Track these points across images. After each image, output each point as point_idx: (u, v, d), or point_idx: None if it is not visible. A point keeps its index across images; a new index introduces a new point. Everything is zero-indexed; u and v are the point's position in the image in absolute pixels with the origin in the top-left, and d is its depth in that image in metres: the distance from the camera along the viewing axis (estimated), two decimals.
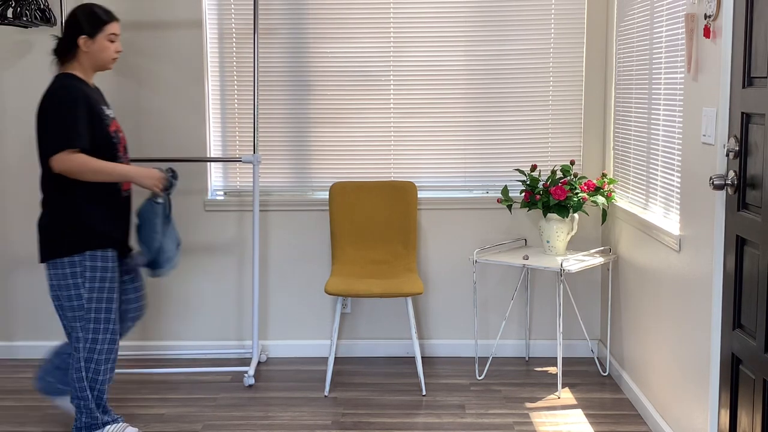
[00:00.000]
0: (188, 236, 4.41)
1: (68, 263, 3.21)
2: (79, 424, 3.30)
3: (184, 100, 4.32)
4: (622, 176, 4.08)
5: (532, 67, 4.32)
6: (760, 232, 2.52)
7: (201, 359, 4.40)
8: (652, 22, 3.58)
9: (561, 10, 4.29)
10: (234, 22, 4.32)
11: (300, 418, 3.68)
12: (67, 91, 3.15)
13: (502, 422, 3.62)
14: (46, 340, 4.46)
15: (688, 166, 3.09)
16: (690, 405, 3.09)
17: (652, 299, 3.54)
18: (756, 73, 2.57)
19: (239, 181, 4.43)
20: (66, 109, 3.11)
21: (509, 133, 4.37)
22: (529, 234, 4.38)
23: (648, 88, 3.63)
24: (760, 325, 2.53)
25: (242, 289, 4.45)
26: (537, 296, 4.44)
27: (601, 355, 4.32)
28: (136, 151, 4.34)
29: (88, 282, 3.22)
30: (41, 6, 4.08)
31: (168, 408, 3.80)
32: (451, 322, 4.45)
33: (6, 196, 4.39)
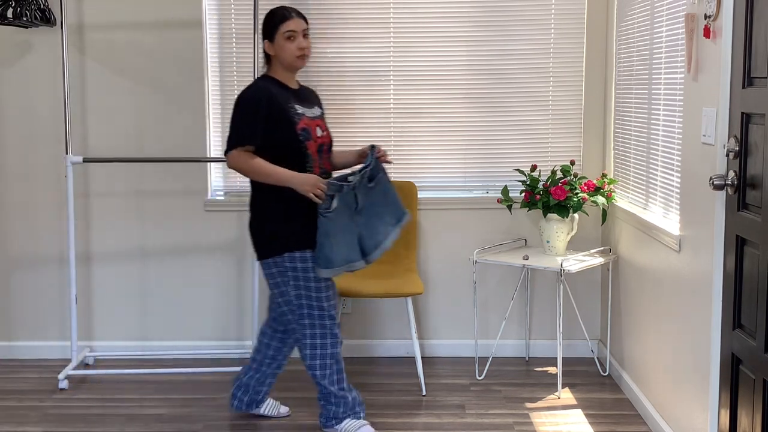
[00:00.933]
0: (188, 236, 4.41)
1: (272, 263, 3.29)
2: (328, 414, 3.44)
3: (184, 100, 4.32)
4: (622, 176, 4.07)
5: (532, 67, 4.32)
6: (760, 232, 2.52)
7: (201, 359, 4.40)
8: (652, 22, 3.58)
9: (561, 10, 4.29)
10: (234, 22, 4.32)
11: (300, 418, 3.68)
12: (249, 92, 3.25)
13: (502, 422, 3.62)
14: (46, 340, 4.47)
15: (688, 166, 3.09)
16: (690, 405, 3.09)
17: (652, 299, 3.54)
18: (756, 73, 2.57)
19: (239, 181, 4.43)
20: (243, 109, 3.22)
21: (509, 133, 4.37)
22: (529, 234, 4.38)
23: (648, 88, 3.62)
24: (760, 325, 2.53)
25: (242, 289, 4.45)
26: (537, 296, 4.44)
27: (601, 355, 4.32)
28: (136, 151, 4.34)
29: (292, 281, 3.28)
30: (41, 6, 4.08)
31: (168, 408, 3.80)
32: (451, 322, 4.45)
33: (6, 196, 4.39)
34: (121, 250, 4.42)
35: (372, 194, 3.35)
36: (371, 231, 3.36)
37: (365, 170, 3.31)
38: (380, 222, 3.37)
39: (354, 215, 3.32)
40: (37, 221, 4.39)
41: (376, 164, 3.35)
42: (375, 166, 3.34)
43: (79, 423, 3.64)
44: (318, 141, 3.31)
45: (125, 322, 4.47)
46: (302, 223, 3.26)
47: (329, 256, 3.24)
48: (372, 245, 3.35)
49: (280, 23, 3.27)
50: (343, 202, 3.25)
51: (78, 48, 4.29)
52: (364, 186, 3.32)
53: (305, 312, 3.32)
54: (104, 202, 4.39)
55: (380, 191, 3.37)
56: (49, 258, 4.42)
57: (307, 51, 3.32)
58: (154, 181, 4.38)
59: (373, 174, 3.34)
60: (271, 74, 3.34)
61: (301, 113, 3.27)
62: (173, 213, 4.40)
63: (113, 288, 4.45)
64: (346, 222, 3.28)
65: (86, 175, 4.37)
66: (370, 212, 3.36)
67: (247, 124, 3.21)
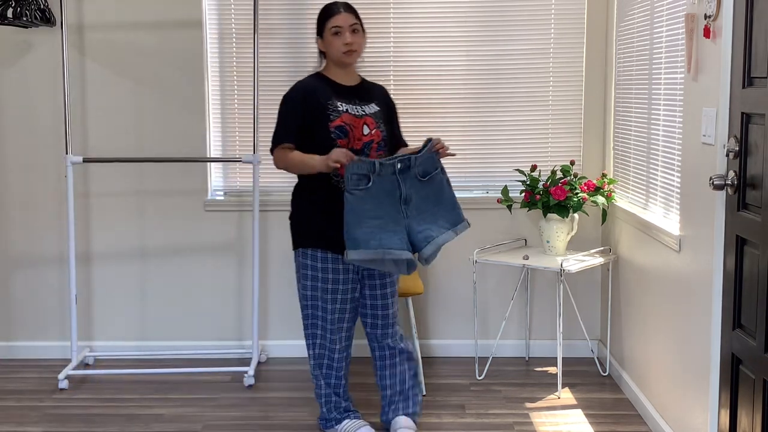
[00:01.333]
0: (188, 236, 4.41)
1: (294, 256, 3.37)
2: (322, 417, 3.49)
3: (184, 100, 4.32)
4: (622, 176, 4.07)
5: (532, 67, 4.32)
6: (760, 232, 2.52)
7: (201, 359, 4.40)
8: (652, 22, 3.58)
9: (561, 10, 4.29)
10: (234, 22, 4.32)
11: (300, 418, 3.68)
12: (289, 91, 3.29)
13: (502, 422, 3.62)
14: (46, 340, 4.47)
15: (688, 166, 3.09)
16: (690, 405, 3.09)
17: (652, 299, 3.54)
18: (756, 73, 2.57)
19: (239, 181, 4.43)
20: (281, 108, 3.28)
21: (509, 133, 4.37)
22: (529, 234, 4.38)
23: (648, 88, 3.62)
24: (760, 325, 2.53)
25: (242, 289, 4.45)
26: (537, 296, 4.44)
27: (601, 355, 4.32)
28: (136, 151, 4.34)
29: (301, 277, 3.32)
30: (41, 6, 4.08)
31: (168, 408, 3.80)
32: (451, 322, 4.45)
33: (6, 195, 4.39)
34: (121, 250, 4.42)
35: (424, 190, 3.23)
36: (422, 226, 3.20)
37: (411, 158, 3.18)
38: (433, 220, 3.23)
39: (400, 204, 3.18)
40: (37, 221, 4.40)
41: (430, 159, 3.22)
42: (427, 160, 3.21)
43: (79, 423, 3.64)
44: (363, 139, 3.25)
45: (125, 322, 4.47)
46: (322, 223, 3.26)
47: (354, 235, 3.10)
48: (422, 239, 3.18)
49: (327, 19, 3.28)
50: (380, 185, 3.13)
51: (78, 48, 4.29)
52: (412, 177, 3.19)
53: (309, 312, 3.34)
54: (104, 202, 4.39)
55: (434, 189, 3.24)
56: (49, 258, 4.42)
57: (355, 46, 3.28)
58: (154, 181, 4.38)
59: (426, 170, 3.21)
60: (323, 71, 3.35)
61: (343, 110, 3.23)
62: (173, 213, 4.40)
63: (113, 288, 4.45)
64: (387, 208, 3.15)
65: (86, 175, 4.37)
66: (422, 208, 3.22)
67: (282, 124, 3.26)
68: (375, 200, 3.13)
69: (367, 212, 3.12)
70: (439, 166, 3.26)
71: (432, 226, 3.21)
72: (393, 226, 3.15)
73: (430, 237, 3.18)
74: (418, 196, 3.21)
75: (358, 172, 3.10)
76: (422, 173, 3.21)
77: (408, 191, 3.19)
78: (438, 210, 3.25)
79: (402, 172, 3.17)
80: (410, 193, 3.19)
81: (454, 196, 3.29)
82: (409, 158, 3.19)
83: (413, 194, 3.20)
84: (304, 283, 3.31)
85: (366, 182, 3.11)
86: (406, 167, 3.18)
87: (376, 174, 3.12)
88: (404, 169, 3.18)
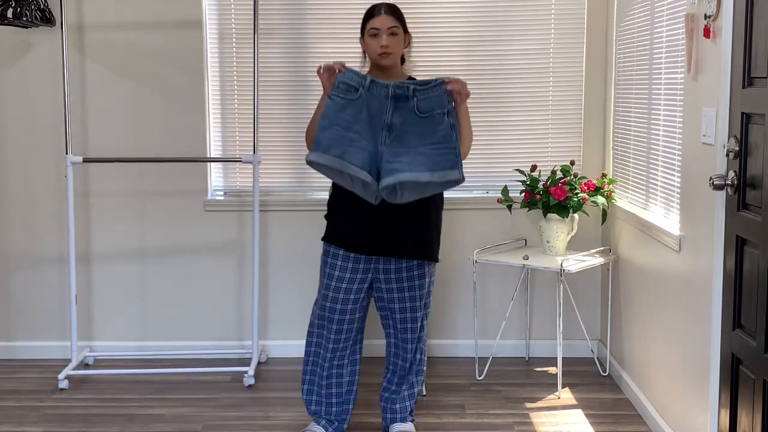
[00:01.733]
0: (188, 236, 4.41)
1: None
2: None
3: (184, 100, 4.32)
4: (621, 176, 4.07)
5: (532, 67, 4.32)
6: (760, 232, 2.52)
7: (201, 359, 4.40)
8: (652, 22, 3.58)
9: (561, 10, 4.29)
10: (234, 22, 4.32)
11: (300, 418, 3.68)
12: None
13: (502, 422, 3.62)
14: (46, 340, 4.47)
15: (688, 166, 3.09)
16: (690, 405, 3.09)
17: (652, 299, 3.54)
18: (756, 73, 2.57)
19: (239, 181, 4.43)
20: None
21: (509, 133, 4.37)
22: (529, 234, 4.38)
23: (648, 88, 3.62)
24: (760, 325, 2.53)
25: (242, 289, 4.45)
26: (537, 296, 4.44)
27: (601, 355, 4.32)
28: (136, 151, 4.34)
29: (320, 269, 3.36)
30: (41, 6, 4.08)
31: (168, 408, 3.80)
32: (451, 322, 4.45)
33: (6, 196, 4.39)
34: (121, 250, 4.42)
35: (417, 126, 3.04)
36: (395, 159, 3.03)
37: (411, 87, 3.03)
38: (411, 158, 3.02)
39: (381, 129, 3.05)
40: (37, 221, 4.39)
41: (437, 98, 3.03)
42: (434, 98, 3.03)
43: (79, 423, 3.64)
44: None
45: (125, 322, 4.47)
46: (340, 220, 3.29)
47: (320, 138, 3.02)
48: (387, 170, 3.02)
49: (367, 20, 3.29)
50: (368, 102, 3.04)
51: (78, 48, 4.29)
52: (409, 109, 3.04)
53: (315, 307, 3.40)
54: (104, 202, 4.39)
55: (430, 129, 3.04)
56: (49, 258, 4.42)
57: (390, 49, 3.24)
58: (154, 181, 4.38)
59: (429, 107, 3.02)
60: (369, 70, 3.36)
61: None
62: (173, 213, 4.40)
63: (113, 288, 4.45)
64: (365, 126, 3.04)
65: (86, 175, 4.37)
66: (405, 142, 3.04)
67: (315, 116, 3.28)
68: (356, 114, 3.04)
69: (342, 121, 3.04)
70: (448, 107, 3.05)
71: (406, 162, 3.01)
72: (364, 145, 3.03)
73: (395, 171, 3.00)
74: (406, 129, 3.05)
75: (348, 82, 3.05)
76: (422, 109, 3.05)
77: (394, 120, 3.05)
78: (424, 150, 3.03)
79: (397, 98, 3.04)
80: (397, 123, 3.05)
81: (457, 144, 3.04)
82: (408, 87, 3.04)
83: (400, 125, 3.05)
84: (321, 276, 3.36)
85: (353, 93, 3.04)
86: (403, 96, 3.03)
87: (366, 89, 3.04)
88: (400, 97, 3.04)
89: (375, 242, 3.25)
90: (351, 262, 3.28)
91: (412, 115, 3.05)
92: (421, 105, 3.05)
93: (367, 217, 3.22)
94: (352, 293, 3.31)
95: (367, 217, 3.23)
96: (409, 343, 3.42)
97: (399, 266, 3.30)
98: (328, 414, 3.43)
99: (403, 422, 3.45)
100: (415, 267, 3.32)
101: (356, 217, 3.25)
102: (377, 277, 3.32)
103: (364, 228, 3.25)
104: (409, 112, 3.05)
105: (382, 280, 3.32)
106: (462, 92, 3.06)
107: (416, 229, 3.28)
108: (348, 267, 3.28)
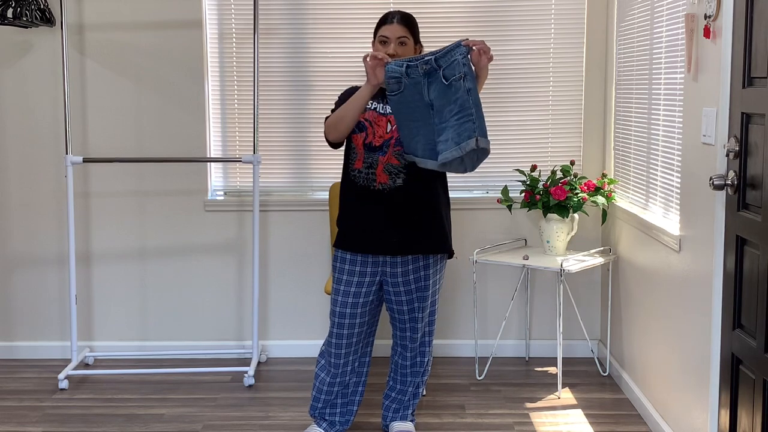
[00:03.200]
0: (188, 236, 4.41)
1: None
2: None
3: (184, 100, 4.32)
4: (622, 176, 4.08)
5: (532, 67, 4.32)
6: (760, 232, 2.52)
7: (201, 359, 4.40)
8: (652, 22, 3.58)
9: (561, 10, 4.29)
10: (234, 22, 4.32)
11: (300, 418, 3.68)
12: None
13: (502, 422, 3.62)
14: (46, 340, 4.47)
15: (688, 166, 3.09)
16: (690, 405, 3.09)
17: (652, 299, 3.54)
18: (756, 73, 2.57)
19: (239, 181, 4.43)
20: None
21: (509, 133, 4.37)
22: (529, 234, 4.38)
23: (648, 88, 3.62)
24: (760, 325, 2.53)
25: (242, 289, 4.45)
26: (537, 296, 4.44)
27: (601, 355, 4.32)
28: (136, 151, 4.34)
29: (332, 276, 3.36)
30: (41, 6, 4.08)
31: (168, 408, 3.80)
32: (451, 322, 4.45)
33: (6, 196, 4.39)
34: (121, 250, 4.42)
35: (446, 96, 3.02)
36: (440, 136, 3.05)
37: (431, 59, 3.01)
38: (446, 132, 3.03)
39: (429, 110, 3.07)
40: (37, 221, 4.40)
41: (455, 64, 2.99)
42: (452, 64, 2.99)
43: (79, 423, 3.64)
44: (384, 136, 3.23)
45: (125, 322, 4.47)
46: (349, 224, 3.29)
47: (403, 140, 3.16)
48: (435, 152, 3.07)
49: (379, 27, 3.31)
50: (412, 89, 3.06)
51: (78, 48, 4.29)
52: (439, 81, 3.02)
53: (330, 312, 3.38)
54: (104, 202, 4.39)
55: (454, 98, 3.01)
56: (49, 258, 4.42)
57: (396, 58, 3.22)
58: (154, 181, 4.38)
59: (449, 74, 2.99)
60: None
61: (370, 107, 3.25)
62: (173, 213, 4.40)
63: (113, 288, 4.45)
64: (420, 112, 3.08)
65: (86, 175, 4.37)
66: (444, 116, 3.04)
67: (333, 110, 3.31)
68: (409, 105, 3.09)
69: (405, 116, 3.11)
70: (464, 71, 2.99)
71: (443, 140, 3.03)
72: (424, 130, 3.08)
73: (441, 151, 3.03)
74: (442, 102, 3.04)
75: (393, 75, 3.08)
76: (447, 76, 3.02)
77: (432, 97, 3.05)
78: (451, 122, 3.02)
79: (429, 74, 3.03)
80: (434, 98, 3.05)
81: (472, 107, 2.99)
82: (429, 60, 3.02)
83: (437, 100, 3.04)
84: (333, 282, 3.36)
85: (399, 86, 3.08)
86: (432, 69, 3.02)
87: (407, 76, 3.07)
88: (431, 71, 3.03)
89: (383, 242, 3.25)
90: (358, 265, 3.28)
91: (442, 86, 3.04)
92: (446, 72, 3.03)
93: (375, 217, 3.23)
94: (362, 296, 3.30)
95: (374, 218, 3.23)
96: (414, 343, 3.41)
97: (405, 268, 3.29)
98: (332, 416, 3.43)
99: (403, 421, 3.45)
100: (422, 268, 3.32)
101: (362, 218, 3.25)
102: (385, 279, 3.32)
103: (371, 229, 3.25)
104: (438, 83, 3.04)
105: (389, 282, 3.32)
106: (483, 49, 3.03)
107: (426, 224, 3.30)
108: (356, 270, 3.28)
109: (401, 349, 3.43)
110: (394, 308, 3.35)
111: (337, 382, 3.38)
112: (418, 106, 3.08)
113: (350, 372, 3.39)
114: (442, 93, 3.03)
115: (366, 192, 3.23)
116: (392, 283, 3.31)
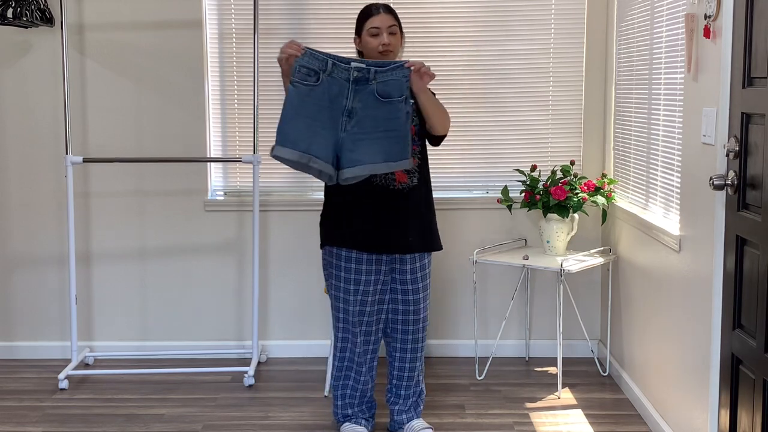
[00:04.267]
0: (188, 236, 4.41)
1: (323, 253, 3.36)
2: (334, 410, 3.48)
3: (184, 100, 4.32)
4: (622, 176, 4.08)
5: (532, 67, 4.32)
6: (760, 232, 2.52)
7: (201, 359, 4.40)
8: (652, 22, 3.58)
9: (561, 10, 4.29)
10: (234, 22, 4.32)
11: (300, 418, 3.68)
12: None
13: (502, 422, 3.62)
14: (46, 340, 4.47)
15: (688, 166, 3.09)
16: (690, 405, 3.09)
17: (652, 299, 3.54)
18: (756, 73, 2.57)
19: (239, 181, 4.43)
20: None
21: (509, 133, 4.37)
22: (529, 234, 4.38)
23: (648, 88, 3.62)
24: (760, 325, 2.53)
25: (242, 289, 4.45)
26: (537, 296, 4.44)
27: (601, 355, 4.32)
28: (136, 151, 4.34)
29: (327, 277, 3.34)
30: (41, 6, 4.08)
31: (168, 408, 3.80)
32: (451, 322, 4.45)
33: (6, 196, 4.39)
34: (121, 250, 4.42)
35: (377, 110, 3.00)
36: (356, 146, 2.99)
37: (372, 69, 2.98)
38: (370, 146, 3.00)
39: (341, 114, 3.00)
40: (37, 221, 4.39)
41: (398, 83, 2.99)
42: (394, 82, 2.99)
43: (79, 423, 3.64)
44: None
45: (125, 322, 4.47)
46: (341, 222, 3.28)
47: (287, 131, 2.97)
48: (348, 160, 2.99)
49: (365, 19, 3.29)
50: (329, 86, 2.98)
51: (78, 48, 4.29)
52: (369, 93, 2.99)
53: (332, 307, 3.37)
54: (104, 202, 4.39)
55: (388, 116, 3.01)
56: (49, 258, 4.42)
57: (391, 47, 3.26)
58: (154, 181, 4.38)
59: (389, 92, 2.99)
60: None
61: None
62: (173, 213, 4.40)
63: (113, 288, 4.45)
64: (326, 113, 2.99)
65: (86, 175, 4.37)
66: (365, 128, 3.00)
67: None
68: (318, 101, 2.99)
69: (306, 110, 2.98)
70: (406, 94, 3.01)
71: (366, 151, 2.99)
72: (327, 134, 2.99)
73: (358, 162, 2.99)
74: (366, 114, 3.00)
75: (308, 66, 2.98)
76: (383, 93, 3.01)
77: (355, 105, 3.00)
78: (381, 138, 3.00)
79: (357, 82, 2.99)
80: (357, 107, 3.00)
81: (408, 132, 3.04)
82: (368, 69, 2.99)
83: (361, 110, 3.00)
84: (330, 282, 3.34)
85: (314, 79, 2.98)
86: (363, 78, 2.98)
87: (327, 73, 2.99)
88: (360, 80, 2.99)
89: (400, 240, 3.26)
90: (364, 263, 3.27)
91: (372, 99, 3.02)
92: (380, 88, 3.02)
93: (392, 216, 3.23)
94: (377, 294, 3.31)
95: (392, 217, 3.23)
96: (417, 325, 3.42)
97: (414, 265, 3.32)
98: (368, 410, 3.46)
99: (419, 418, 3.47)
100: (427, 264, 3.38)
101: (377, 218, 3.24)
102: (394, 277, 3.33)
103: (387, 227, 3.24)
104: (368, 95, 3.02)
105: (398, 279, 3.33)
106: (423, 70, 3.05)
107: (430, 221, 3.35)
108: (362, 269, 3.27)
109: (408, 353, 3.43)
110: (400, 298, 3.35)
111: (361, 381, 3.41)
112: (329, 107, 3.01)
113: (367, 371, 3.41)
114: (371, 105, 3.01)
115: (384, 192, 3.22)
116: (401, 281, 3.32)
